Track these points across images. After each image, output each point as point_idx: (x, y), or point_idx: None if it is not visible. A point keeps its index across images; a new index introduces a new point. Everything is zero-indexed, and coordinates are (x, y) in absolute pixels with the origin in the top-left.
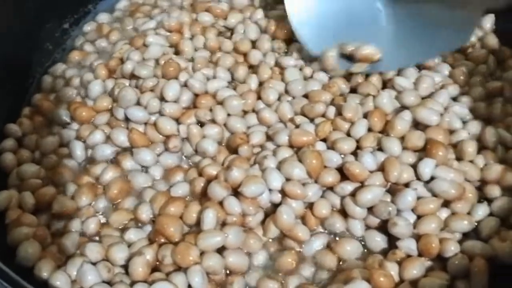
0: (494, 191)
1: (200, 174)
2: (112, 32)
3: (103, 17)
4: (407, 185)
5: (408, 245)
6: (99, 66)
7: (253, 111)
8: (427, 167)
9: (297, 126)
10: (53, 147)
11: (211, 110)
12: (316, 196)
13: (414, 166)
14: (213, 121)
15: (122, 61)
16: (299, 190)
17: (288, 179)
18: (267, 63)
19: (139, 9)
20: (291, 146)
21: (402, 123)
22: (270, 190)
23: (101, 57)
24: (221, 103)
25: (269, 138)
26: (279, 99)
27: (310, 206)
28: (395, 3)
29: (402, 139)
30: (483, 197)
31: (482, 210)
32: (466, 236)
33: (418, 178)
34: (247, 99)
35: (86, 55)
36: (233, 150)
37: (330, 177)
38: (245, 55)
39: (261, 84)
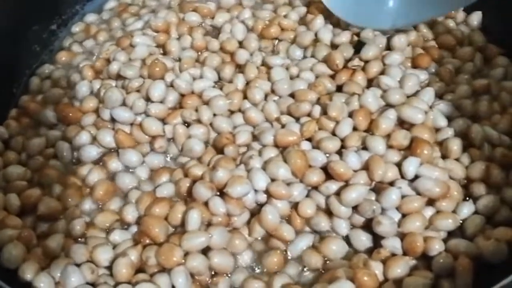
0: (479, 189)
1: (186, 174)
2: (99, 33)
3: (91, 18)
4: (391, 183)
5: (392, 244)
6: (86, 67)
7: (240, 110)
8: (411, 166)
9: (283, 126)
10: (39, 148)
11: (197, 110)
12: (301, 195)
13: (399, 165)
14: (199, 121)
15: (108, 61)
16: (284, 190)
17: (273, 179)
18: (254, 63)
19: (127, 9)
20: (276, 146)
21: (387, 121)
22: (255, 190)
23: (89, 57)
24: (207, 103)
25: (255, 138)
26: (265, 98)
27: (295, 206)
28: None
29: (387, 137)
30: (468, 195)
31: (467, 208)
32: (451, 234)
33: (402, 176)
34: (233, 98)
35: (73, 55)
36: (219, 150)
37: (315, 177)
38: (232, 54)
39: (248, 83)
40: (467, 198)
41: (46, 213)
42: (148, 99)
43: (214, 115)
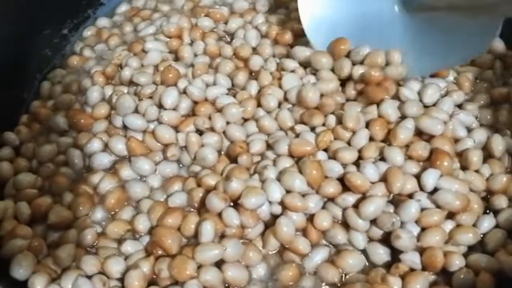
0: (500, 202)
1: (199, 184)
2: (111, 37)
3: (103, 22)
4: (410, 196)
5: (411, 259)
6: (97, 72)
7: (253, 118)
8: (430, 178)
9: (298, 135)
10: (50, 155)
11: (210, 118)
12: (317, 207)
13: (418, 177)
14: (212, 129)
15: (120, 67)
16: (300, 203)
17: (288, 191)
18: (268, 69)
19: (139, 13)
20: (291, 155)
21: (405, 132)
22: (270, 202)
23: (101, 62)
24: (220, 110)
25: (269, 146)
26: (279, 106)
27: (311, 218)
28: (413, 10)
29: (406, 148)
30: (489, 208)
31: (488, 222)
32: (471, 249)
33: (421, 189)
34: (247, 106)
35: (85, 60)
36: (232, 159)
37: (332, 188)
38: (245, 60)
39: (260, 90)
40: (488, 211)
41: (57, 222)
42: (160, 106)
43: (228, 123)
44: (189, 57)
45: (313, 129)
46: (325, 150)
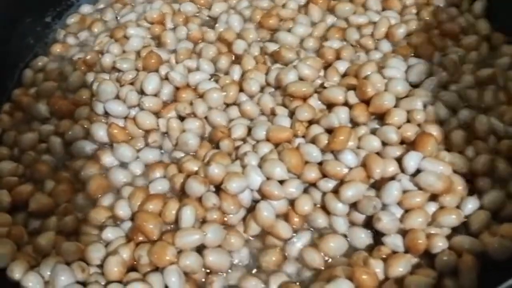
0: (484, 183)
1: (180, 170)
2: (94, 24)
3: (86, 9)
4: (392, 178)
5: (393, 241)
6: (79, 59)
7: (235, 103)
8: (412, 160)
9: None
10: (32, 143)
11: (192, 103)
12: (298, 192)
13: (400, 160)
14: (194, 115)
15: (102, 53)
16: (277, 191)
17: (269, 178)
18: (251, 53)
19: (122, 0)
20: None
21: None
22: (251, 189)
23: (83, 49)
24: (202, 96)
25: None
26: (262, 90)
27: (293, 203)
28: None
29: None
30: (473, 190)
31: (471, 204)
32: (455, 231)
33: (404, 171)
34: (229, 91)
35: (68, 47)
36: (215, 144)
37: (313, 173)
38: (229, 45)
39: (244, 75)
40: (472, 193)
41: (37, 210)
42: (142, 92)
43: (210, 108)
44: (171, 43)
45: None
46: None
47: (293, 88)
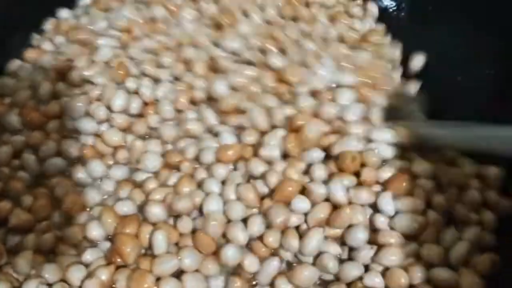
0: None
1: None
2: (70, 30)
3: (63, 14)
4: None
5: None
6: (51, 68)
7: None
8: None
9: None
10: (6, 158)
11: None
12: (262, 228)
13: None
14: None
15: (72, 62)
16: (241, 236)
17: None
18: (201, 58)
19: (99, 5)
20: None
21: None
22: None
23: (58, 57)
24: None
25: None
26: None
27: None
28: None
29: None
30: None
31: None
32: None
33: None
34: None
35: (42, 54)
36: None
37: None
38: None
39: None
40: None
41: (18, 225)
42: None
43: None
44: (138, 53)
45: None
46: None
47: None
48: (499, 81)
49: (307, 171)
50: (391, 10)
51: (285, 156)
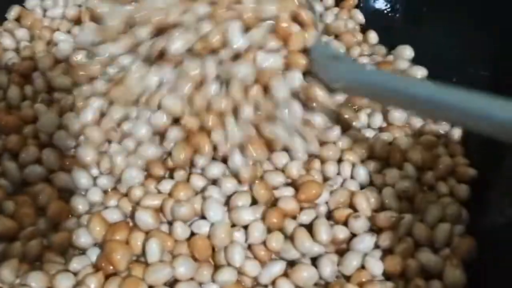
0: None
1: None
2: (31, 22)
3: (31, 3)
4: None
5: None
6: (13, 69)
7: None
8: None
9: None
10: None
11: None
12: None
13: None
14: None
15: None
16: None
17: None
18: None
19: None
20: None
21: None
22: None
23: (21, 53)
24: None
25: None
26: None
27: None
28: None
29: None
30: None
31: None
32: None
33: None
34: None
35: (2, 51)
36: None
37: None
38: None
39: None
40: None
41: (2, 233)
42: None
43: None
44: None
45: None
46: None
47: None
48: (494, 82)
49: None
50: (385, 11)
51: None
